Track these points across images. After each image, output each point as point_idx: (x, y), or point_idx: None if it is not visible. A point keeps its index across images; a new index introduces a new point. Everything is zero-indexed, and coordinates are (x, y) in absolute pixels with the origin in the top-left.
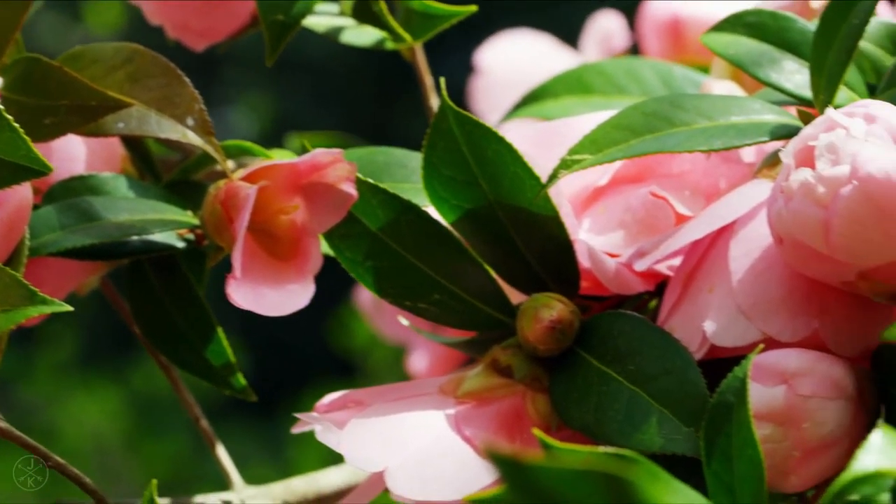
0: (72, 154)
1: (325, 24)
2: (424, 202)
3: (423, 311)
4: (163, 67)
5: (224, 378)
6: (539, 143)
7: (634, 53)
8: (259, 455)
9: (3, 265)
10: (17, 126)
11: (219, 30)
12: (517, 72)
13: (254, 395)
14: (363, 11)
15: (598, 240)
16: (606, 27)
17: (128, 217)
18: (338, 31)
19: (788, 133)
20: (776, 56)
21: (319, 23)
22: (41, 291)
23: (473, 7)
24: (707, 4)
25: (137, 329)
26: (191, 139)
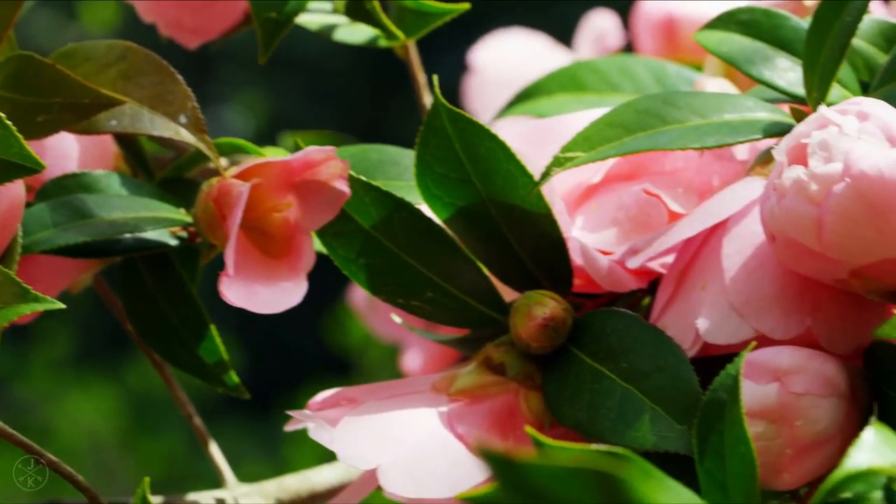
0: (65, 152)
1: (318, 22)
2: (417, 200)
3: (416, 309)
4: (155, 65)
5: (217, 376)
6: (532, 141)
7: (628, 53)
8: (255, 453)
9: None
10: (10, 124)
11: (211, 27)
12: (511, 71)
13: (247, 393)
14: (356, 9)
15: (591, 237)
16: (600, 26)
17: (121, 215)
18: (331, 29)
19: (781, 131)
20: (769, 53)
21: (312, 20)
22: (34, 289)
23: (466, 4)
24: (701, 4)
25: (131, 327)
26: (184, 137)
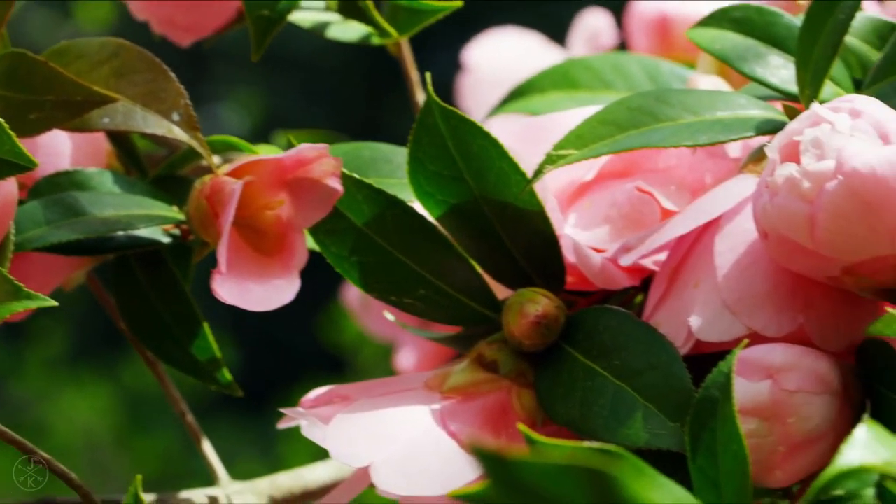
0: (57, 149)
1: (311, 20)
2: (410, 197)
3: (409, 307)
4: (148, 63)
5: (210, 373)
6: (525, 139)
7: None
8: (249, 451)
9: None
10: (2, 121)
11: (204, 25)
12: (505, 69)
13: (240, 391)
14: (349, 7)
15: (584, 235)
16: (594, 25)
17: (113, 212)
18: (324, 27)
19: (774, 128)
20: (762, 51)
21: (305, 18)
22: (27, 287)
23: (459, 2)
24: (694, 3)
25: (123, 324)
26: (176, 134)
